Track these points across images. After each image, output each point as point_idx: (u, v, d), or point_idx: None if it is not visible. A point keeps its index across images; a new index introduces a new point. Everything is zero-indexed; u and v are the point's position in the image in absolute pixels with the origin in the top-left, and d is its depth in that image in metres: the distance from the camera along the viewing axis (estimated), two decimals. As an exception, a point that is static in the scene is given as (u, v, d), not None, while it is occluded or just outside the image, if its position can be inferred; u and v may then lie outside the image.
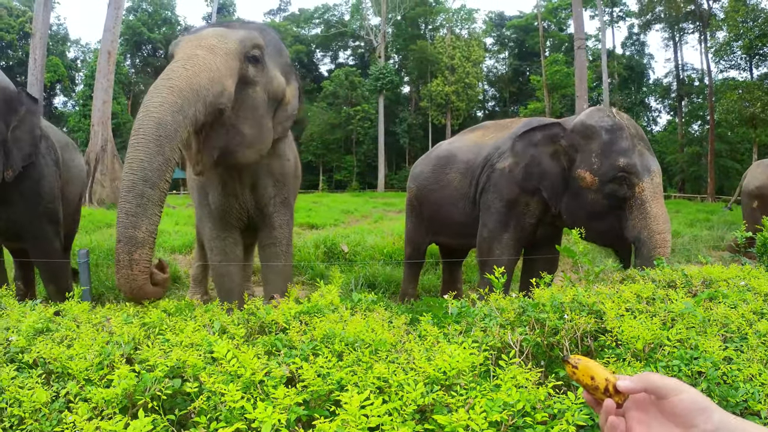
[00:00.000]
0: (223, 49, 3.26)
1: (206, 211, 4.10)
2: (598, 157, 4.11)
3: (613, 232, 4.17)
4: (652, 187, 3.99)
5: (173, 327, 1.93)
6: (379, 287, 6.33)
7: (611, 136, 4.13)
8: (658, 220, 3.97)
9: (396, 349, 1.64)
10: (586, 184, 4.12)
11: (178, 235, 10.23)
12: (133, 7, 52.38)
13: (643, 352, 1.78)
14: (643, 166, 4.03)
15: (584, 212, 4.19)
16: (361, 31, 52.27)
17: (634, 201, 4.00)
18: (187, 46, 3.26)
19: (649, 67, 49.64)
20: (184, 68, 3.03)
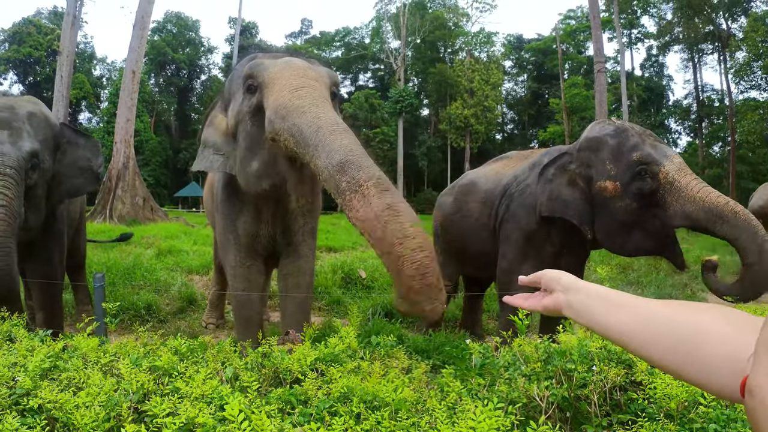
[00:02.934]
0: (323, 81, 3.25)
1: (232, 237, 4.03)
2: (612, 162, 4.01)
3: (657, 232, 3.96)
4: (675, 167, 3.83)
5: (183, 374, 1.87)
6: (396, 316, 6.24)
7: (618, 140, 4.05)
8: (692, 187, 3.74)
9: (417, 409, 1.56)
10: (610, 193, 4.00)
11: (196, 255, 10.22)
12: (158, 27, 53.60)
13: (676, 411, 1.68)
14: (659, 153, 3.90)
15: (619, 223, 4.04)
16: (381, 54, 52.74)
17: (663, 188, 3.83)
18: (290, 76, 3.17)
19: (669, 88, 49.42)
20: (321, 95, 3.01)
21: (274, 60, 3.43)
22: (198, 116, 57.24)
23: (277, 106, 3.00)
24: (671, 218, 3.81)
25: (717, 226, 3.61)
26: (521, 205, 4.52)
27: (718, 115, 42.99)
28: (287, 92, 3.01)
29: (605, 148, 4.08)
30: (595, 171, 4.11)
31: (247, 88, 3.40)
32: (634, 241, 4.06)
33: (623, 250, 4.36)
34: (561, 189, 4.21)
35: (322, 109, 2.85)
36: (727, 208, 3.59)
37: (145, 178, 31.20)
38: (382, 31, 51.22)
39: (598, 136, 4.18)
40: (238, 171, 3.55)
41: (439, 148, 49.26)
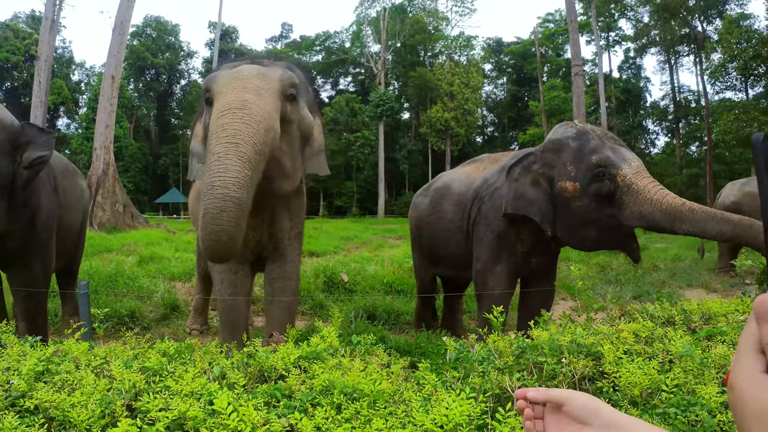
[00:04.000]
0: (268, 89, 3.32)
1: None
2: (572, 164, 4.16)
3: (614, 231, 4.10)
4: (632, 170, 3.97)
5: (173, 373, 1.94)
6: (379, 318, 6.32)
7: (579, 142, 4.20)
8: (649, 189, 3.89)
9: (394, 399, 1.65)
10: (570, 193, 4.14)
11: (178, 261, 10.21)
12: (137, 31, 52.95)
13: (640, 398, 1.79)
14: (617, 157, 4.04)
15: (578, 222, 4.19)
16: (362, 58, 52.81)
17: (620, 190, 3.96)
18: (233, 88, 3.28)
19: (646, 90, 50.05)
20: (245, 124, 3.06)
21: (227, 71, 3.55)
22: (178, 121, 56.80)
23: (210, 132, 3.16)
24: (628, 219, 3.95)
25: (677, 226, 3.74)
26: (492, 207, 4.63)
27: (695, 115, 43.65)
28: (215, 117, 3.15)
29: (567, 150, 4.23)
30: (556, 172, 4.25)
31: (205, 101, 3.57)
32: (592, 238, 4.22)
33: (582, 246, 4.56)
34: (525, 188, 4.35)
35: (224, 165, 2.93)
36: (684, 208, 3.74)
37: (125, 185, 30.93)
38: (363, 35, 51.28)
39: (560, 139, 4.34)
40: None
41: (419, 152, 49.43)
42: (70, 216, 5.37)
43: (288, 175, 3.63)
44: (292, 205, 4.13)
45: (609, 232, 4.12)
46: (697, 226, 3.66)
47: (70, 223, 5.44)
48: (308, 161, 3.92)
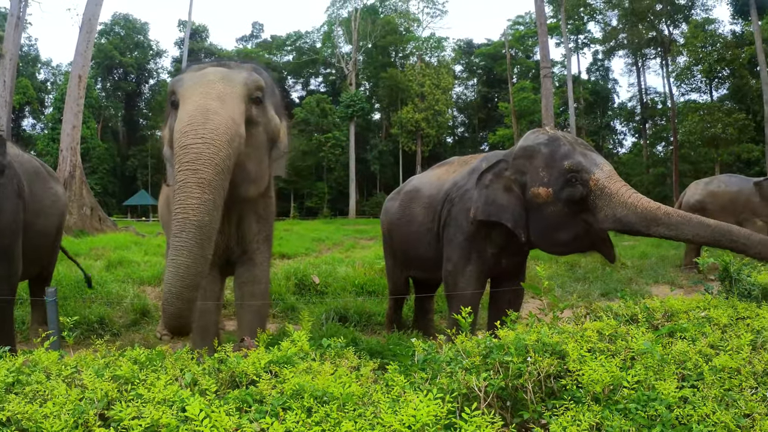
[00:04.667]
0: (232, 94, 3.31)
1: None
2: (545, 170, 4.21)
3: (588, 234, 4.18)
4: (604, 174, 4.03)
5: (145, 380, 1.95)
6: (351, 320, 6.33)
7: (550, 148, 4.25)
8: (622, 193, 3.94)
9: (363, 401, 1.68)
10: (543, 199, 4.20)
11: (147, 265, 10.05)
12: (105, 30, 51.84)
13: (602, 394, 1.85)
14: (589, 162, 4.10)
15: (552, 227, 4.25)
16: (333, 59, 52.76)
17: (593, 195, 4.01)
18: (196, 95, 3.26)
19: (614, 91, 50.97)
20: (206, 144, 3.03)
21: (193, 73, 3.53)
22: (146, 122, 55.97)
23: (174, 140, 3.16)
24: (602, 222, 4.00)
25: (652, 229, 3.79)
26: (462, 209, 4.69)
27: (661, 116, 44.64)
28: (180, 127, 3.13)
29: (539, 156, 4.29)
30: (529, 178, 4.31)
31: (171, 104, 3.55)
32: (566, 242, 4.29)
33: (557, 250, 4.66)
34: (497, 194, 4.40)
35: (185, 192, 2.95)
36: (659, 211, 3.79)
37: (93, 187, 30.37)
38: (334, 36, 51.23)
39: (532, 145, 4.39)
40: None
41: (390, 152, 49.59)
42: (42, 221, 5.20)
43: (254, 179, 3.62)
44: (260, 209, 4.11)
45: (583, 236, 4.19)
46: (674, 230, 3.71)
47: (43, 228, 5.27)
48: (275, 164, 3.91)
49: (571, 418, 1.69)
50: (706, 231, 3.61)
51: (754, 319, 3.05)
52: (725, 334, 2.74)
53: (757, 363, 2.25)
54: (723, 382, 2.06)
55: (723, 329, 2.87)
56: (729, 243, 3.56)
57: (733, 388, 2.03)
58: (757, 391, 2.04)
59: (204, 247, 2.93)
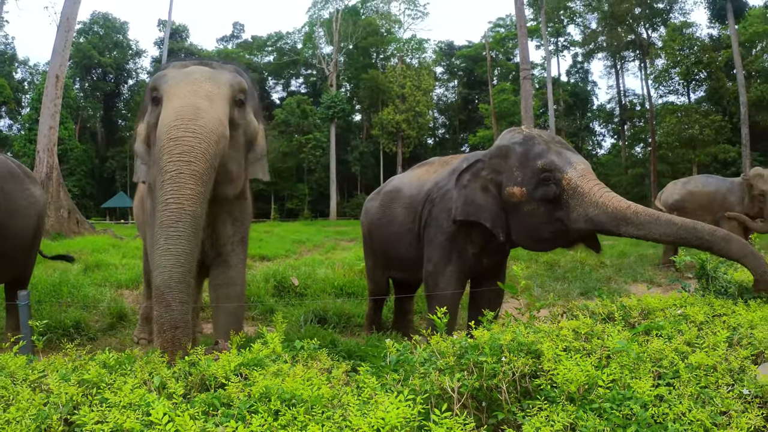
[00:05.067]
0: (218, 95, 3.28)
1: None
2: (519, 169, 4.22)
3: (564, 234, 4.16)
4: (578, 173, 4.01)
5: (112, 384, 1.89)
6: (330, 322, 6.28)
7: (525, 147, 4.26)
8: (594, 192, 3.92)
9: (333, 404, 1.65)
10: (518, 198, 4.20)
11: (125, 268, 9.90)
12: (84, 29, 50.88)
13: (577, 393, 1.83)
14: (563, 161, 4.09)
15: (529, 226, 4.25)
16: (314, 60, 52.60)
17: (566, 194, 4.00)
18: (184, 92, 3.22)
19: (593, 93, 51.44)
20: (197, 139, 3.02)
21: (177, 70, 3.48)
22: (125, 123, 55.24)
23: (159, 135, 3.10)
24: (575, 221, 3.98)
25: (621, 228, 3.78)
26: (443, 209, 4.68)
27: (640, 118, 45.20)
28: (166, 123, 3.09)
29: (513, 156, 4.29)
30: (504, 177, 4.30)
31: (152, 100, 3.47)
32: (546, 240, 4.30)
33: (539, 247, 4.70)
34: (475, 194, 4.40)
35: (178, 183, 2.93)
36: (629, 210, 3.77)
37: (70, 189, 29.95)
38: (315, 37, 51.08)
39: (507, 145, 4.40)
40: (151, 180, 3.54)
41: (371, 153, 49.54)
42: (17, 222, 5.12)
43: (232, 179, 3.60)
44: (235, 210, 4.06)
45: (560, 234, 4.18)
46: (642, 229, 3.70)
47: (19, 230, 5.18)
48: (251, 166, 3.88)
49: (545, 418, 1.67)
50: (672, 229, 3.61)
51: (731, 316, 3.07)
52: (701, 331, 2.74)
53: (733, 360, 2.25)
54: (699, 379, 2.05)
55: (699, 326, 2.87)
56: (695, 240, 3.57)
57: (709, 385, 2.02)
58: (733, 388, 2.04)
59: (198, 237, 2.95)
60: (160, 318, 2.74)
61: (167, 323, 2.72)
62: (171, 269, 2.78)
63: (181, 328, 2.76)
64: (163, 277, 2.78)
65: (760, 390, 2.03)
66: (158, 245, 2.86)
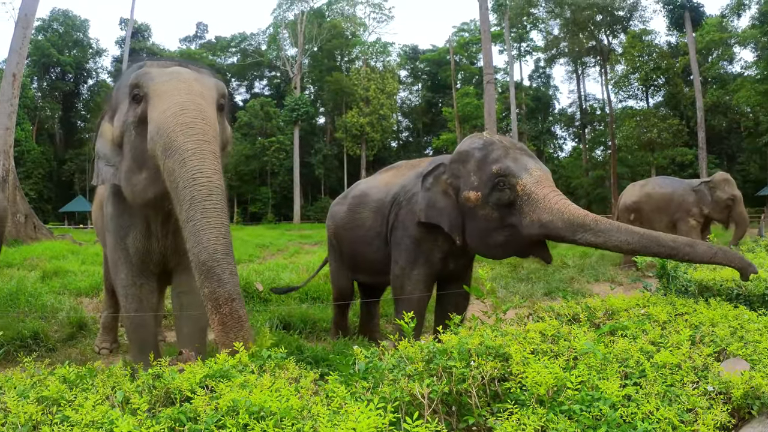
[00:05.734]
0: (209, 97, 3.25)
1: (122, 255, 3.82)
2: (475, 174, 4.23)
3: (517, 240, 4.13)
4: (532, 179, 4.00)
5: (73, 401, 1.82)
6: (295, 327, 6.21)
7: (483, 152, 4.27)
8: (549, 198, 3.90)
9: (302, 415, 1.61)
10: (473, 203, 4.21)
11: (84, 275, 9.63)
12: (43, 26, 49.05)
13: (547, 396, 1.83)
14: (518, 167, 4.08)
15: (483, 231, 4.26)
16: (278, 62, 52.19)
17: (520, 199, 3.99)
18: (177, 90, 3.15)
19: (555, 97, 52.36)
20: (208, 126, 3.03)
21: (161, 69, 3.38)
22: (85, 124, 53.83)
23: (159, 127, 3.01)
24: (528, 227, 3.96)
25: (578, 235, 3.73)
26: (410, 212, 4.68)
27: (600, 121, 46.23)
28: (171, 113, 3.01)
29: (471, 161, 4.31)
30: (462, 182, 4.32)
31: (133, 98, 3.34)
32: (498, 246, 4.26)
33: (491, 254, 4.58)
34: (436, 197, 4.42)
35: (201, 160, 2.89)
36: (588, 218, 3.75)
37: (27, 193, 29.06)
38: (280, 38, 50.77)
39: (466, 150, 4.41)
40: (123, 181, 3.44)
41: (335, 156, 49.43)
42: None
43: None
44: None
45: (514, 241, 4.16)
46: (601, 236, 3.67)
47: None
48: None
49: (516, 421, 1.67)
50: (634, 237, 3.59)
51: (692, 315, 3.13)
52: (665, 330, 2.79)
53: (696, 358, 2.29)
54: (665, 378, 2.08)
55: (663, 326, 2.92)
56: (657, 248, 3.57)
57: (675, 383, 2.05)
58: (698, 385, 2.07)
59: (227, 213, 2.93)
60: (214, 294, 2.63)
61: (222, 297, 2.61)
62: (215, 242, 2.71)
63: (237, 300, 2.66)
64: (209, 251, 2.69)
65: (724, 386, 2.07)
66: (194, 221, 2.78)
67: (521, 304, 3.47)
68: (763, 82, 31.97)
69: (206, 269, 2.68)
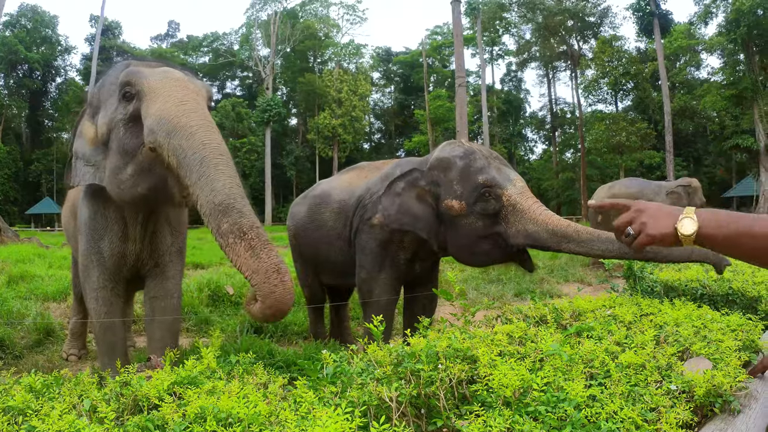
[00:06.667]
0: (202, 97, 3.25)
1: (95, 258, 3.76)
2: (459, 183, 4.22)
3: (502, 247, 4.17)
4: (516, 190, 4.07)
5: (39, 411, 1.79)
6: (266, 331, 6.17)
7: (466, 161, 4.27)
8: (534, 210, 3.99)
9: (270, 421, 1.61)
10: (456, 212, 4.20)
11: (52, 279, 9.40)
12: (10, 21, 48.13)
13: (513, 398, 1.85)
14: (503, 177, 4.14)
15: (466, 239, 4.25)
16: (250, 62, 51.86)
17: (506, 210, 4.05)
18: (175, 87, 3.15)
19: (526, 101, 53.15)
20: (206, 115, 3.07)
21: (152, 69, 3.36)
22: (53, 123, 52.85)
23: (161, 118, 2.98)
24: (514, 237, 4.03)
25: (563, 245, 3.86)
26: (374, 216, 4.65)
27: (570, 125, 46.93)
28: (172, 104, 3.01)
29: (453, 169, 4.29)
30: (443, 190, 4.30)
31: (123, 95, 3.29)
32: (480, 255, 4.29)
33: (473, 262, 4.61)
34: (410, 203, 4.38)
35: (208, 132, 2.92)
36: (570, 229, 3.86)
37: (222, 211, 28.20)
38: (252, 38, 50.48)
39: (447, 157, 4.38)
40: (108, 180, 3.38)
41: (307, 158, 49.34)
42: None
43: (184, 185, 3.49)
44: (171, 218, 3.94)
45: (497, 249, 4.19)
46: (584, 246, 3.79)
47: None
48: None
49: (483, 423, 1.68)
50: (614, 245, 3.71)
51: (657, 315, 3.18)
52: (630, 330, 2.83)
53: (660, 357, 2.33)
54: (629, 378, 2.11)
55: (628, 326, 2.97)
56: (638, 254, 3.70)
57: (639, 383, 2.08)
58: (661, 384, 2.11)
59: None
60: (236, 223, 2.61)
61: (246, 225, 2.61)
62: (230, 186, 2.72)
63: (261, 227, 2.68)
64: (225, 193, 2.69)
65: (686, 385, 2.11)
66: (206, 175, 2.76)
67: (491, 306, 3.51)
68: (729, 88, 32.77)
69: (223, 207, 2.67)
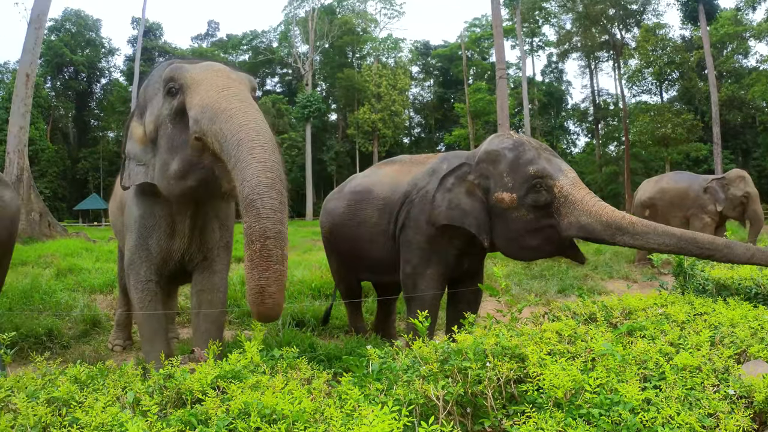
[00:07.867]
0: (246, 85, 3.28)
1: (144, 254, 3.82)
2: (509, 175, 4.17)
3: (553, 240, 4.12)
4: (569, 181, 4.02)
5: (83, 403, 1.79)
6: (308, 325, 6.18)
7: (515, 153, 4.20)
8: (587, 201, 3.92)
9: (315, 418, 1.58)
10: (507, 205, 4.14)
11: (99, 273, 9.63)
12: (55, 26, 49.79)
13: (564, 399, 1.79)
14: (554, 168, 4.08)
15: (517, 233, 4.19)
16: (289, 59, 52.22)
17: (557, 201, 3.99)
18: (218, 78, 3.19)
19: (567, 93, 52.08)
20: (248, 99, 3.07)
21: (193, 65, 3.40)
22: (98, 123, 54.30)
23: (204, 106, 3.00)
24: (566, 229, 3.96)
25: (617, 237, 3.77)
26: (422, 211, 4.59)
27: (613, 117, 45.80)
28: (214, 92, 3.03)
29: (503, 161, 4.23)
30: (492, 182, 4.24)
31: (167, 91, 3.33)
32: (531, 248, 4.22)
33: (522, 256, 4.55)
34: (460, 198, 4.32)
35: (246, 114, 2.89)
36: (624, 221, 3.77)
37: (42, 191, 29.26)
38: (291, 36, 50.81)
39: (496, 150, 4.32)
40: (158, 176, 3.43)
41: (347, 153, 49.38)
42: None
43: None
44: (220, 213, 3.97)
45: (548, 242, 4.14)
46: (639, 239, 3.68)
47: None
48: None
49: (533, 425, 1.62)
50: (672, 240, 3.60)
51: (712, 315, 3.06)
52: (684, 331, 2.73)
53: (717, 360, 2.24)
54: (685, 381, 2.03)
55: (681, 326, 2.86)
56: (696, 250, 3.57)
57: (695, 386, 2.00)
58: (719, 389, 2.02)
59: None
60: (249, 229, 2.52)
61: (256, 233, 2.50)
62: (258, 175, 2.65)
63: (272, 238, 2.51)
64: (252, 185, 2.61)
65: (745, 390, 2.01)
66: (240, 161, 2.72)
67: (536, 302, 3.42)
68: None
69: (247, 203, 2.58)
